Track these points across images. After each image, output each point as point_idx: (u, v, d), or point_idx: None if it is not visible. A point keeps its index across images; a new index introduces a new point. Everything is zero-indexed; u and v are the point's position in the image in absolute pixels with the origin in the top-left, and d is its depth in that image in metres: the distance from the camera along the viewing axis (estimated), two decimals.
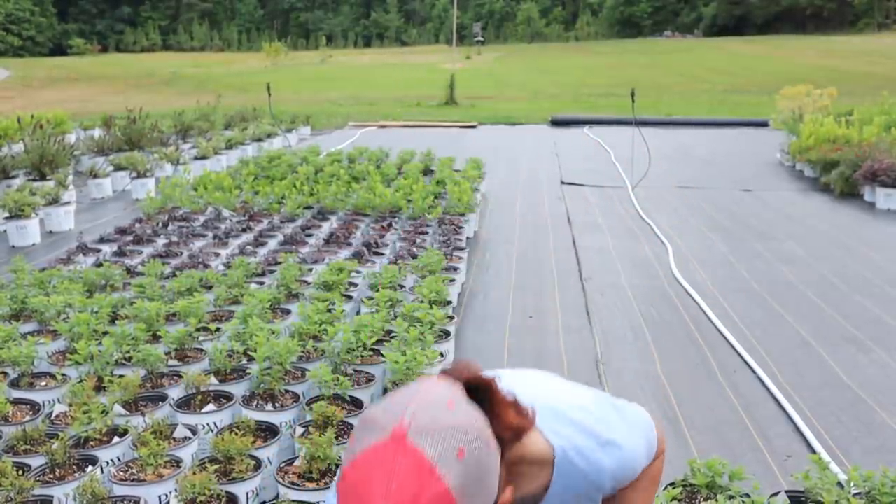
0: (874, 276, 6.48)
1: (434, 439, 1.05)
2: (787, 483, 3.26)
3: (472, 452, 1.07)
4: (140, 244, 7.05)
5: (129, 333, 4.26)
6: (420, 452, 1.03)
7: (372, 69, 43.42)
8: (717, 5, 66.44)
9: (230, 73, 40.38)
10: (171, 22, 75.54)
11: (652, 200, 9.77)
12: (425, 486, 1.02)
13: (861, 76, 29.75)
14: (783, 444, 3.78)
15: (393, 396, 1.15)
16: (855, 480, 2.79)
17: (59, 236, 8.27)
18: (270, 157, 11.36)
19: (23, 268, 5.68)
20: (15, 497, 2.84)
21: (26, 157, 10.00)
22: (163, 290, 5.26)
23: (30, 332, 4.70)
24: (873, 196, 9.38)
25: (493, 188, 10.59)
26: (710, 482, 2.80)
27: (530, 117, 20.88)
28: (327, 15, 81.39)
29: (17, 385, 3.94)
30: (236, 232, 7.49)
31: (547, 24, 76.24)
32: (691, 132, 17.45)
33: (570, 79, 34.82)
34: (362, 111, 23.25)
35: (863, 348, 4.95)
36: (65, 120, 15.59)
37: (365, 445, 1.07)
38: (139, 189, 10.15)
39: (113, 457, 3.28)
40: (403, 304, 4.84)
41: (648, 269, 6.82)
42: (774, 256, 7.15)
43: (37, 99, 29.00)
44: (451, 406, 1.11)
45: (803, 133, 11.94)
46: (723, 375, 4.58)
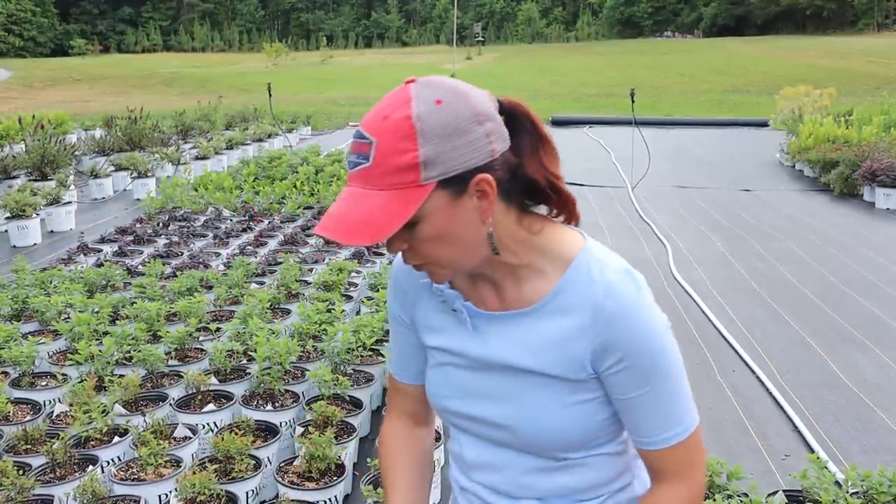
0: (873, 276, 6.49)
1: (426, 86, 1.16)
2: (785, 482, 3.27)
3: (451, 110, 1.14)
4: (141, 244, 7.07)
5: (130, 333, 4.28)
6: (409, 90, 1.16)
7: (372, 69, 43.45)
8: (717, 5, 66.48)
9: (231, 74, 40.41)
10: (172, 22, 75.62)
11: (652, 200, 9.78)
12: (396, 110, 1.14)
13: (861, 76, 29.76)
14: (781, 443, 3.79)
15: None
16: (852, 480, 2.80)
17: (60, 236, 8.28)
18: (271, 157, 11.37)
19: (24, 268, 5.69)
20: (16, 496, 2.86)
21: (27, 157, 10.02)
22: (163, 290, 5.27)
23: (31, 332, 4.71)
24: (872, 196, 9.39)
25: None
26: (709, 481, 2.80)
27: None
28: (328, 15, 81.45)
29: (17, 385, 3.95)
30: (237, 232, 7.50)
31: (547, 24, 76.28)
32: (691, 132, 17.46)
33: (570, 79, 34.84)
34: (363, 111, 23.19)
35: (861, 348, 4.96)
36: (66, 120, 15.63)
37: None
38: (140, 189, 10.16)
39: (113, 456, 3.29)
40: None
41: (648, 269, 6.82)
42: (774, 256, 7.16)
43: (38, 99, 29.04)
44: (466, 84, 1.20)
45: (803, 133, 11.95)
46: (722, 375, 4.59)
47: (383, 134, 1.13)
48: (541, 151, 1.24)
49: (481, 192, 1.17)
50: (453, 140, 1.14)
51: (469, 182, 1.16)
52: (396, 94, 1.17)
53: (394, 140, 1.12)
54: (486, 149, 1.16)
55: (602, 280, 1.23)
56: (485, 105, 1.18)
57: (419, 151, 1.12)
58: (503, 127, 1.21)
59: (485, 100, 1.20)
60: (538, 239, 1.27)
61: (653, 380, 1.25)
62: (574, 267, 1.25)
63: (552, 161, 1.25)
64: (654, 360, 1.24)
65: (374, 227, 1.13)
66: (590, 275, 1.24)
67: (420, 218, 1.16)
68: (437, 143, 1.13)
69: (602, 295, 1.22)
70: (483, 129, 1.16)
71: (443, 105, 1.14)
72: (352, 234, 1.14)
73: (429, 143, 1.12)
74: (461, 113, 1.15)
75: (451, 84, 1.19)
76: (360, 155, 1.15)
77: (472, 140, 1.15)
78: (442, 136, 1.13)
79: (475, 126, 1.15)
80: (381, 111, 1.16)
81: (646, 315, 1.24)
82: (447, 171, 1.14)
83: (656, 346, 1.24)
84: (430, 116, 1.13)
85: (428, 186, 1.14)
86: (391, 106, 1.15)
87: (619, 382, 1.25)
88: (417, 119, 1.13)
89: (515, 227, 1.25)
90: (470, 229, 1.20)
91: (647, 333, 1.23)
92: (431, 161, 1.13)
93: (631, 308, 1.23)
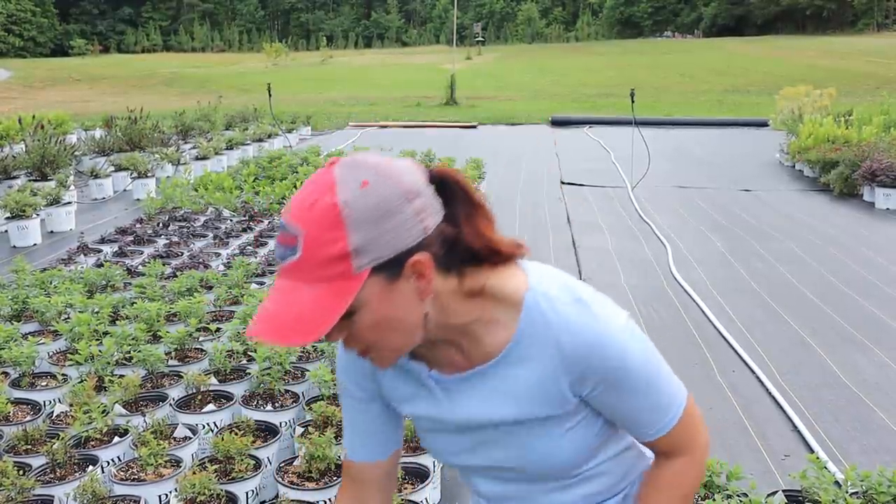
0: (873, 276, 6.49)
1: (350, 168, 1.12)
2: (784, 482, 3.27)
3: (378, 191, 1.10)
4: (141, 244, 7.07)
5: (130, 334, 4.28)
6: (333, 173, 1.11)
7: (372, 69, 43.45)
8: (716, 5, 66.47)
9: (231, 74, 40.42)
10: (172, 22, 75.60)
11: (651, 200, 9.78)
12: (321, 197, 1.09)
13: (861, 76, 29.77)
14: (781, 443, 3.79)
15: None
16: (852, 480, 2.81)
17: (60, 236, 8.28)
18: (271, 157, 11.38)
19: (24, 268, 5.70)
20: (16, 497, 2.86)
21: (27, 157, 10.02)
22: (163, 291, 5.28)
23: (31, 333, 4.72)
24: (872, 196, 9.39)
25: (492, 188, 10.60)
26: (708, 481, 2.81)
27: (530, 117, 20.90)
28: (328, 15, 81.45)
29: (18, 385, 3.96)
30: (237, 232, 7.51)
31: (547, 24, 76.28)
32: (691, 132, 17.47)
33: (570, 79, 34.84)
34: (363, 111, 23.27)
35: (861, 348, 4.96)
36: (66, 120, 15.63)
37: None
38: (140, 189, 10.17)
39: (113, 456, 3.29)
40: None
41: (648, 269, 6.83)
42: (773, 256, 7.16)
43: (38, 99, 29.05)
44: (390, 160, 1.17)
45: (802, 133, 11.95)
46: (721, 375, 4.60)
47: (310, 224, 1.08)
48: (476, 218, 1.21)
49: (418, 273, 1.14)
50: (383, 223, 1.09)
51: (404, 264, 1.12)
52: (320, 179, 1.12)
53: (321, 230, 1.08)
54: (418, 227, 1.12)
55: (557, 319, 1.22)
56: (413, 180, 1.14)
57: (349, 240, 1.07)
58: (434, 199, 1.16)
59: (412, 174, 1.15)
60: (482, 294, 1.23)
61: (633, 387, 1.27)
62: (526, 311, 1.23)
63: (488, 226, 1.22)
64: (630, 372, 1.26)
65: (309, 324, 1.08)
66: (544, 316, 1.23)
67: (356, 307, 1.11)
68: (367, 229, 1.08)
69: (562, 335, 1.22)
70: (413, 207, 1.12)
71: (369, 187, 1.09)
72: (286, 335, 1.09)
73: (358, 229, 1.08)
74: (389, 193, 1.10)
75: (376, 162, 1.14)
76: (288, 248, 1.10)
77: (402, 220, 1.11)
78: (371, 221, 1.08)
79: (405, 205, 1.11)
80: (305, 199, 1.11)
81: (609, 337, 1.24)
82: (380, 256, 1.10)
83: (628, 359, 1.25)
84: (357, 201, 1.08)
85: (361, 275, 1.09)
86: (316, 192, 1.10)
87: (602, 400, 1.28)
88: (345, 205, 1.08)
89: (458, 291, 1.21)
90: (410, 311, 1.16)
91: (616, 353, 1.24)
92: (363, 248, 1.08)
93: (593, 338, 1.23)
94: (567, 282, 1.28)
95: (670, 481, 1.37)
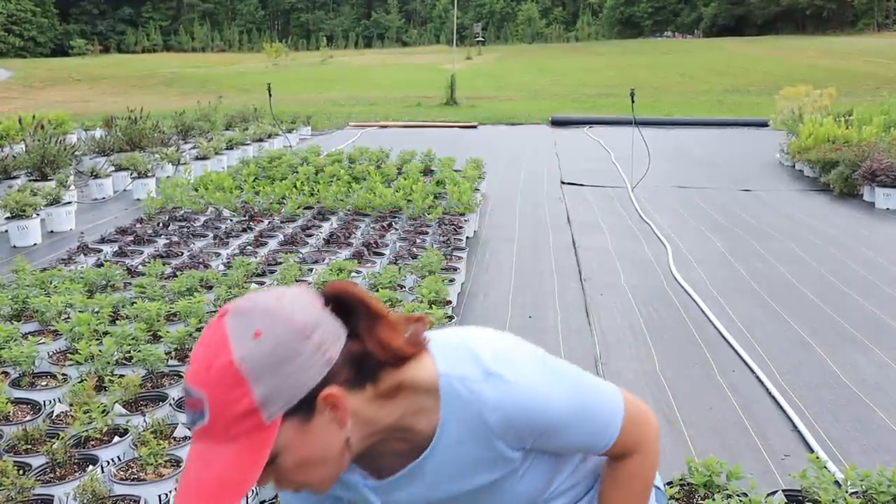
0: (873, 276, 6.49)
1: (240, 318, 1.11)
2: (784, 482, 3.27)
3: (272, 337, 1.09)
4: (141, 244, 7.07)
5: (130, 333, 4.28)
6: (224, 327, 1.10)
7: (372, 69, 43.45)
8: (716, 6, 66.45)
9: (231, 74, 40.42)
10: (172, 22, 75.60)
11: (652, 200, 9.78)
12: (217, 357, 1.08)
13: (861, 76, 29.77)
14: (781, 443, 3.79)
15: (266, 290, 1.22)
16: (852, 480, 2.81)
17: (60, 236, 8.28)
18: (271, 157, 11.38)
19: (24, 268, 5.70)
20: (16, 496, 2.86)
21: (27, 157, 10.01)
22: (163, 290, 5.28)
23: (31, 332, 4.71)
24: (872, 196, 9.38)
25: (493, 188, 10.61)
26: (708, 481, 2.81)
27: (530, 117, 20.90)
28: (328, 15, 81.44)
29: (17, 385, 3.95)
30: (237, 232, 7.51)
31: (547, 24, 76.27)
32: (691, 132, 17.46)
33: (570, 79, 34.84)
34: (363, 111, 23.27)
35: (861, 348, 4.96)
36: (66, 120, 15.62)
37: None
38: (140, 189, 10.16)
39: (113, 456, 3.29)
40: (403, 303, 4.85)
41: (648, 270, 6.83)
42: (774, 256, 7.16)
43: (38, 99, 29.05)
44: (281, 299, 1.15)
45: (803, 133, 11.95)
46: (721, 375, 4.60)
47: (211, 387, 1.07)
48: (379, 330, 1.21)
49: (331, 406, 1.13)
50: (284, 369, 1.08)
51: (315, 400, 1.12)
52: (213, 335, 1.11)
53: (224, 390, 1.07)
54: (321, 361, 1.11)
55: (475, 399, 1.24)
56: (306, 314, 1.13)
57: (254, 394, 1.07)
58: (333, 323, 1.16)
59: (306, 308, 1.14)
60: (399, 391, 1.24)
61: (567, 426, 1.31)
62: (444, 398, 1.25)
63: (392, 335, 1.22)
64: (560, 418, 1.30)
65: (232, 486, 1.08)
66: (462, 399, 1.24)
67: (276, 453, 1.11)
68: (270, 379, 1.07)
69: (484, 413, 1.24)
70: (312, 343, 1.11)
71: (262, 336, 1.08)
72: (212, 501, 1.08)
73: (260, 382, 1.07)
74: (284, 337, 1.09)
75: (265, 305, 1.12)
76: (195, 413, 1.09)
77: (304, 360, 1.10)
78: (271, 370, 1.08)
79: (303, 344, 1.10)
80: (202, 361, 1.10)
81: (529, 400, 1.26)
82: (289, 401, 1.09)
83: (554, 410, 1.28)
84: (252, 353, 1.07)
85: (274, 424, 1.09)
86: (211, 352, 1.09)
87: (543, 445, 1.32)
88: (241, 361, 1.07)
89: (376, 397, 1.22)
90: (330, 443, 1.16)
91: (541, 410, 1.27)
92: (269, 399, 1.08)
93: (514, 408, 1.25)
94: (473, 350, 1.29)
95: (626, 479, 1.43)
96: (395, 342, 1.22)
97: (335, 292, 1.21)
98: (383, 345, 1.20)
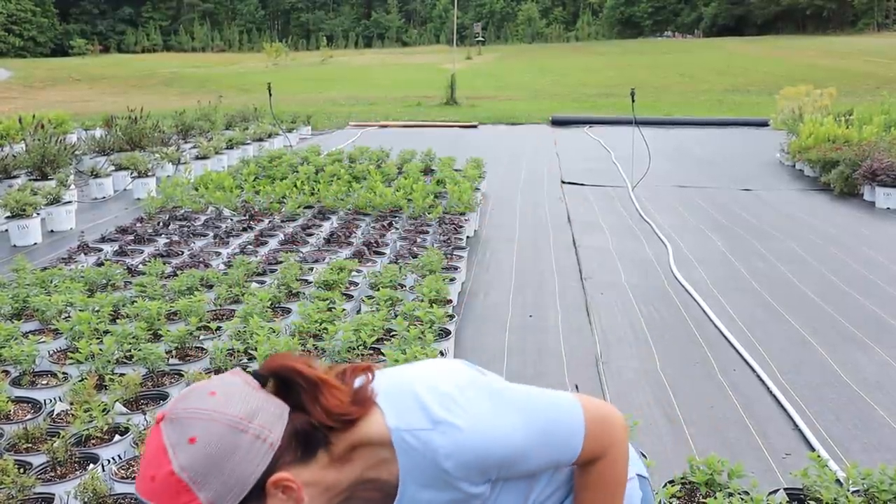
0: (874, 276, 6.48)
1: (175, 425, 1.12)
2: (786, 481, 3.27)
3: (207, 440, 1.10)
4: (141, 243, 7.07)
5: (130, 332, 4.28)
6: (161, 436, 1.12)
7: (372, 69, 43.44)
8: (717, 5, 66.43)
9: (231, 74, 40.41)
10: (172, 22, 75.58)
11: (652, 200, 9.78)
12: (159, 468, 1.11)
13: (861, 76, 29.76)
14: (782, 442, 3.78)
15: (200, 383, 1.23)
16: (853, 478, 2.80)
17: (60, 236, 8.28)
18: (271, 156, 11.37)
19: (24, 267, 5.69)
20: (16, 495, 2.85)
21: (28, 156, 10.01)
22: (164, 290, 5.27)
23: (31, 332, 4.71)
24: (873, 195, 9.38)
25: (493, 188, 10.61)
26: (710, 479, 2.81)
27: (531, 117, 20.89)
28: (328, 15, 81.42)
29: (18, 384, 3.95)
30: (237, 231, 7.50)
31: (547, 24, 76.25)
32: (691, 132, 17.46)
33: (570, 79, 34.83)
34: (363, 111, 23.26)
35: (862, 347, 4.96)
36: (66, 120, 15.62)
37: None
38: (140, 189, 10.16)
39: (114, 455, 3.28)
40: (404, 302, 4.85)
41: (648, 269, 6.83)
42: (774, 256, 7.15)
43: (38, 99, 29.04)
44: (213, 394, 1.16)
45: (803, 132, 11.95)
46: (722, 374, 4.59)
47: (159, 497, 1.11)
48: (322, 397, 1.22)
49: (283, 489, 1.15)
50: (226, 466, 1.10)
51: (265, 487, 1.14)
52: (153, 446, 1.13)
53: (171, 499, 1.10)
54: (262, 450, 1.13)
55: (428, 449, 1.25)
56: (241, 406, 1.14)
57: (200, 498, 1.10)
58: (272, 405, 1.18)
59: (239, 397, 1.15)
60: (354, 450, 1.26)
61: (528, 454, 1.33)
62: (399, 452, 1.26)
63: (337, 401, 1.23)
64: (518, 449, 1.31)
65: None
66: (416, 451, 1.26)
67: None
68: (213, 480, 1.10)
69: (439, 461, 1.26)
70: (250, 436, 1.13)
71: (198, 441, 1.10)
72: None
73: (204, 485, 1.09)
74: (219, 436, 1.11)
75: (199, 407, 1.14)
76: None
77: (244, 454, 1.12)
78: (213, 472, 1.10)
79: (240, 438, 1.12)
80: (146, 472, 1.13)
81: (482, 441, 1.27)
82: (237, 496, 1.12)
83: (510, 445, 1.30)
84: (190, 461, 1.10)
85: None
86: (153, 462, 1.12)
87: (508, 473, 1.34)
88: (181, 470, 1.09)
89: (332, 462, 1.24)
90: None
91: (497, 448, 1.29)
92: (216, 500, 1.10)
93: (469, 453, 1.26)
94: (420, 397, 1.29)
95: (598, 482, 1.44)
96: (340, 408, 1.23)
97: (271, 370, 1.22)
98: (328, 413, 1.22)
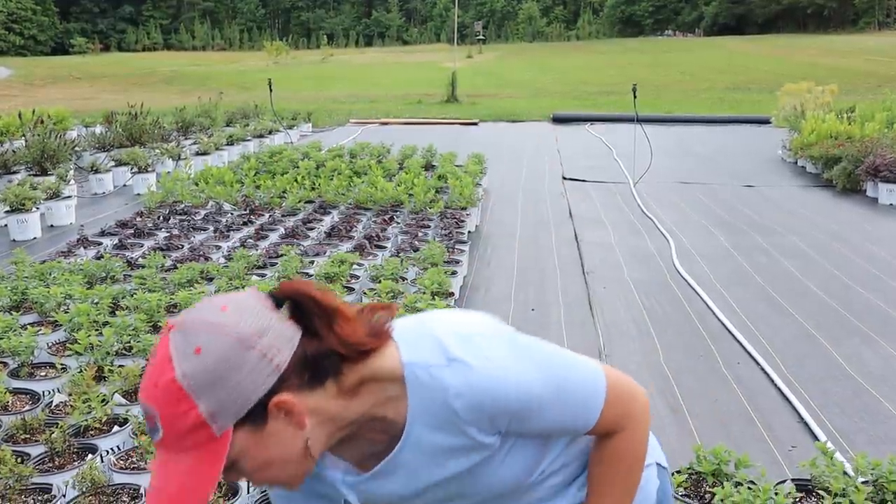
0: (877, 270, 6.45)
1: (182, 334, 1.12)
2: (792, 473, 3.23)
3: (213, 352, 1.10)
4: (141, 237, 7.04)
5: (130, 324, 4.25)
6: (168, 345, 1.12)
7: (373, 67, 43.42)
8: (717, 4, 66.40)
9: (231, 72, 40.38)
10: (173, 21, 75.54)
11: (654, 196, 9.74)
12: (162, 374, 1.10)
13: (862, 75, 29.72)
14: (787, 434, 3.75)
15: (216, 296, 1.22)
16: (862, 468, 2.77)
17: (59, 230, 8.24)
18: (272, 152, 11.34)
19: (23, 260, 5.66)
20: (14, 485, 2.83)
21: (27, 152, 9.98)
22: (163, 282, 5.24)
23: (30, 323, 4.68)
24: (875, 191, 9.35)
25: (494, 184, 10.57)
26: (717, 470, 2.77)
27: (532, 115, 20.85)
28: (328, 14, 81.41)
29: (16, 375, 3.93)
30: (237, 226, 7.47)
31: (548, 23, 76.24)
32: (692, 129, 17.41)
33: (571, 77, 34.80)
34: (364, 108, 23.22)
35: (866, 340, 4.93)
36: (66, 117, 15.58)
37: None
38: (140, 184, 10.13)
39: (112, 445, 3.26)
40: (405, 295, 4.82)
41: (651, 263, 6.79)
42: (777, 251, 7.12)
43: (39, 97, 29.01)
44: (224, 309, 1.15)
45: (805, 129, 11.91)
46: (726, 367, 4.56)
47: (159, 402, 1.10)
48: (336, 325, 1.20)
49: (285, 411, 1.14)
50: (228, 381, 1.10)
51: (267, 407, 1.13)
52: (159, 353, 1.13)
53: (171, 406, 1.09)
54: (268, 370, 1.12)
55: (438, 387, 1.22)
56: (251, 323, 1.13)
57: (199, 408, 1.09)
58: (283, 327, 1.17)
59: (251, 316, 1.15)
60: (364, 384, 1.23)
61: (543, 407, 1.27)
62: (410, 388, 1.23)
63: (351, 330, 1.21)
64: (533, 399, 1.26)
65: (192, 492, 1.12)
66: (427, 388, 1.22)
67: (234, 460, 1.14)
68: (214, 392, 1.09)
69: (450, 400, 1.22)
70: (256, 353, 1.12)
71: (203, 351, 1.10)
72: None
73: (204, 396, 1.09)
74: (225, 351, 1.10)
75: (209, 319, 1.13)
76: (152, 428, 1.13)
77: (248, 371, 1.11)
78: (214, 384, 1.09)
79: (246, 354, 1.11)
80: (150, 377, 1.13)
81: (495, 382, 1.23)
82: (237, 412, 1.11)
83: (524, 391, 1.25)
84: (194, 370, 1.09)
85: (226, 434, 1.11)
86: (157, 369, 1.12)
87: (520, 428, 1.29)
88: (183, 377, 1.09)
89: (340, 393, 1.21)
90: (289, 445, 1.18)
91: (511, 393, 1.24)
92: (216, 412, 1.10)
93: (480, 392, 1.22)
94: (437, 336, 1.26)
95: (614, 457, 1.39)
96: (355, 337, 1.21)
97: (286, 293, 1.21)
98: (342, 341, 1.19)
